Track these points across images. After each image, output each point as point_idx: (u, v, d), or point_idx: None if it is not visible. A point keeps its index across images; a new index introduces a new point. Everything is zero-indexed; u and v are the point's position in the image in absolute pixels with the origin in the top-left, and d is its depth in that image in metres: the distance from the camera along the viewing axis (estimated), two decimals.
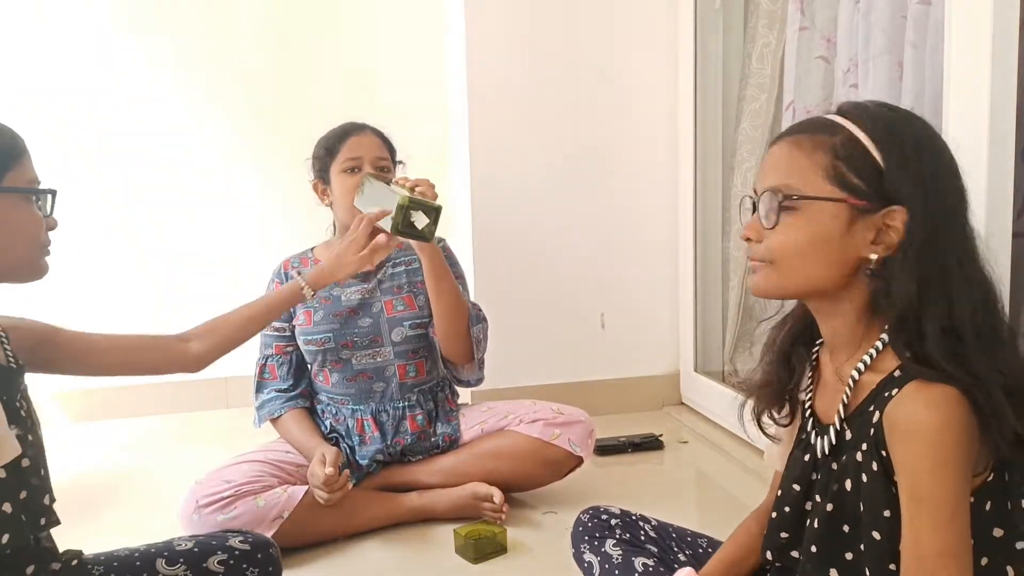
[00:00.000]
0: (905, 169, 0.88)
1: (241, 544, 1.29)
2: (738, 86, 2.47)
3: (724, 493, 2.07)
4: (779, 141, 0.97)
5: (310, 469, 1.69)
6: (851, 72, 1.76)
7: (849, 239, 0.89)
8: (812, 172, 0.90)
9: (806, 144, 0.92)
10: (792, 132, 0.96)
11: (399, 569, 1.64)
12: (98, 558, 1.24)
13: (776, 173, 0.94)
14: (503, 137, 2.53)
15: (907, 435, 0.83)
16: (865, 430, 0.89)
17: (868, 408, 0.90)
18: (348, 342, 1.84)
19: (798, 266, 0.92)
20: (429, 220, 1.63)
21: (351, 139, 1.85)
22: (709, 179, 2.56)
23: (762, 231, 0.94)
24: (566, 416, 1.86)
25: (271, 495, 1.65)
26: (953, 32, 1.35)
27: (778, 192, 0.92)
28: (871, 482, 0.88)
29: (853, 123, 0.91)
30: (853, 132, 0.91)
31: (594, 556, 1.27)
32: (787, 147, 0.94)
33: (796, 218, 0.91)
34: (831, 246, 0.90)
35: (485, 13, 2.48)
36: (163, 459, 2.34)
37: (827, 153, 0.90)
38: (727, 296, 2.57)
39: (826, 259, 0.91)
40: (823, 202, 0.89)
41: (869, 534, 0.88)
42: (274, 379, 1.89)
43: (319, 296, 1.83)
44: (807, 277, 0.93)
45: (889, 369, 0.89)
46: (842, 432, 0.93)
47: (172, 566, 1.23)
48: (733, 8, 2.49)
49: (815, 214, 0.90)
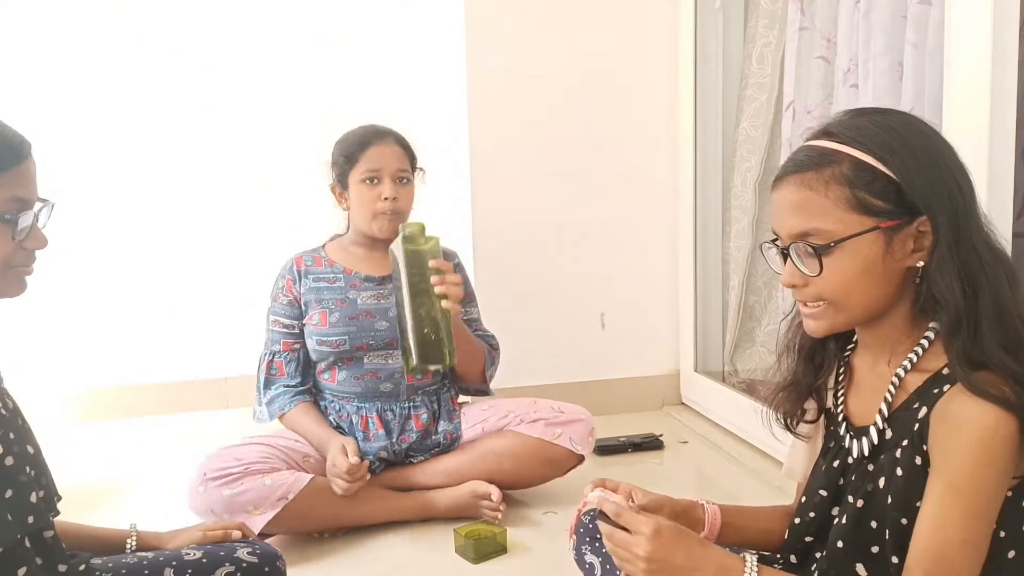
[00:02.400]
0: (913, 178, 0.89)
1: (249, 556, 1.26)
2: (738, 86, 2.47)
3: (724, 493, 2.07)
4: (784, 182, 0.95)
5: (330, 459, 1.71)
6: (851, 72, 1.76)
7: (891, 257, 0.90)
8: (835, 209, 0.90)
9: (816, 182, 0.91)
10: (794, 170, 0.94)
11: (399, 569, 1.64)
12: (106, 564, 1.23)
13: (798, 218, 0.93)
14: (503, 137, 2.53)
15: (957, 428, 0.84)
16: (908, 427, 0.90)
17: (913, 405, 0.91)
18: (363, 344, 1.84)
19: (856, 298, 0.93)
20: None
21: (372, 149, 1.84)
22: (709, 179, 2.56)
23: (805, 277, 0.94)
24: (567, 415, 1.87)
25: (278, 476, 1.68)
26: (953, 32, 1.35)
27: (806, 238, 0.92)
28: (908, 476, 0.89)
29: (850, 146, 0.91)
30: (856, 156, 0.90)
31: (595, 557, 1.27)
32: (797, 189, 0.93)
33: (838, 257, 0.91)
34: (879, 270, 0.91)
35: (485, 13, 2.48)
36: (163, 459, 2.34)
37: (842, 185, 0.90)
38: (727, 296, 2.57)
39: (879, 282, 0.92)
40: (858, 236, 0.89)
41: (897, 521, 0.89)
42: (282, 375, 1.90)
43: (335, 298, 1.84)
44: (867, 305, 0.93)
45: (935, 368, 0.91)
46: (882, 432, 0.94)
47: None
48: (733, 8, 2.49)
49: (854, 248, 0.90)
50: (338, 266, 1.90)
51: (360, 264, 1.91)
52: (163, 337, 2.68)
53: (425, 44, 2.70)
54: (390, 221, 1.83)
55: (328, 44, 2.69)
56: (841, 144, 0.92)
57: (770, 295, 2.46)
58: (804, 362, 1.06)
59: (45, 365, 2.61)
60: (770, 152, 2.36)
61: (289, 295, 1.89)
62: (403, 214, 1.86)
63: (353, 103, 2.25)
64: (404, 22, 2.72)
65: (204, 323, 2.68)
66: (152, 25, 2.62)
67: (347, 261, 1.91)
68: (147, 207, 2.70)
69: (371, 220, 1.84)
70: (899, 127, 0.92)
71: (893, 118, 0.94)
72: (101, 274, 2.67)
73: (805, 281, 0.94)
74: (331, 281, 1.89)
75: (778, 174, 0.97)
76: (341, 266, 1.90)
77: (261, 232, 2.72)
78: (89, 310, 2.63)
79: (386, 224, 1.84)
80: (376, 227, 1.85)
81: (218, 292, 2.68)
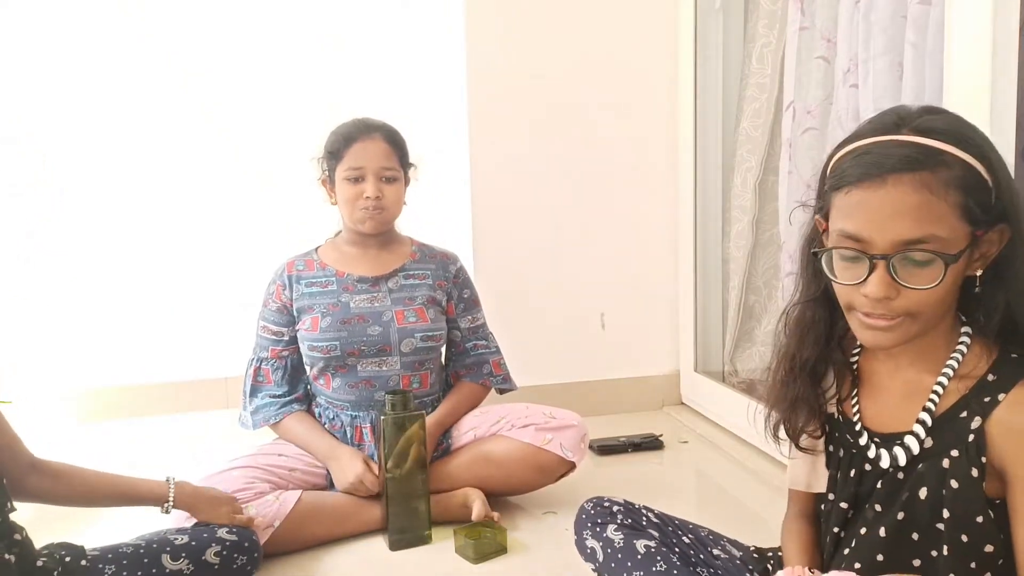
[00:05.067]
0: (1007, 187, 0.87)
1: (229, 535, 1.45)
2: (738, 86, 2.47)
3: (724, 493, 2.07)
4: (895, 181, 0.84)
5: (347, 470, 1.72)
6: (851, 72, 1.76)
7: (966, 266, 0.88)
8: (952, 216, 0.84)
9: (936, 184, 0.84)
10: (906, 168, 0.84)
11: (399, 569, 1.64)
12: (105, 555, 1.30)
13: (912, 223, 0.84)
14: (503, 137, 2.53)
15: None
16: (958, 437, 0.88)
17: (960, 415, 0.89)
18: (355, 350, 1.81)
19: (938, 311, 0.89)
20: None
21: (356, 145, 1.81)
22: (709, 179, 2.56)
23: (900, 288, 0.86)
24: (558, 420, 1.83)
25: (262, 503, 1.63)
26: (953, 32, 1.35)
27: (922, 245, 0.84)
28: (964, 488, 0.87)
29: (960, 148, 0.85)
30: (967, 160, 0.85)
31: (596, 542, 1.27)
32: (915, 191, 0.84)
33: (939, 267, 0.84)
34: (957, 279, 0.88)
35: (485, 13, 2.48)
36: (163, 459, 2.34)
37: (958, 191, 0.84)
38: (727, 296, 2.57)
39: (954, 292, 0.89)
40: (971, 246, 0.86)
41: (955, 537, 0.88)
42: (268, 383, 1.87)
43: (327, 302, 1.84)
44: (941, 315, 0.90)
45: (976, 374, 0.89)
46: (922, 441, 0.92)
47: (176, 561, 1.36)
48: (733, 8, 2.49)
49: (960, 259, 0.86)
50: (330, 269, 1.88)
51: (353, 265, 1.89)
52: (163, 337, 2.68)
53: (425, 44, 2.70)
54: (372, 218, 1.82)
55: (328, 44, 2.69)
56: (949, 145, 0.85)
57: (770, 295, 2.46)
58: (805, 375, 1.01)
59: (45, 365, 2.62)
60: (770, 152, 2.36)
61: (279, 301, 1.87)
62: (388, 211, 1.85)
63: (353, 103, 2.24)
64: (404, 22, 2.72)
65: (204, 323, 2.68)
66: (152, 25, 2.62)
67: (340, 263, 1.90)
68: (147, 207, 2.70)
69: (355, 217, 1.84)
70: (981, 134, 0.89)
71: (970, 124, 0.90)
72: (102, 274, 2.67)
73: (899, 293, 0.86)
74: (323, 285, 1.86)
75: (877, 170, 0.85)
76: (333, 269, 1.88)
77: (261, 232, 2.72)
78: (89, 310, 2.64)
79: (369, 221, 1.83)
80: (360, 224, 1.84)
81: (218, 292, 2.68)
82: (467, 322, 1.97)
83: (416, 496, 1.69)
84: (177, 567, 1.35)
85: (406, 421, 1.66)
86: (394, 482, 1.67)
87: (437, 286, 1.92)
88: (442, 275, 1.93)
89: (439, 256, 1.97)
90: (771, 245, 2.42)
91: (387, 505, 1.68)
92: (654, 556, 1.18)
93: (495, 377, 1.97)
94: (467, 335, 1.97)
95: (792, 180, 2.05)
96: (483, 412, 1.91)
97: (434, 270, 1.93)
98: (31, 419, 2.55)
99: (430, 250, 1.97)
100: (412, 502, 1.69)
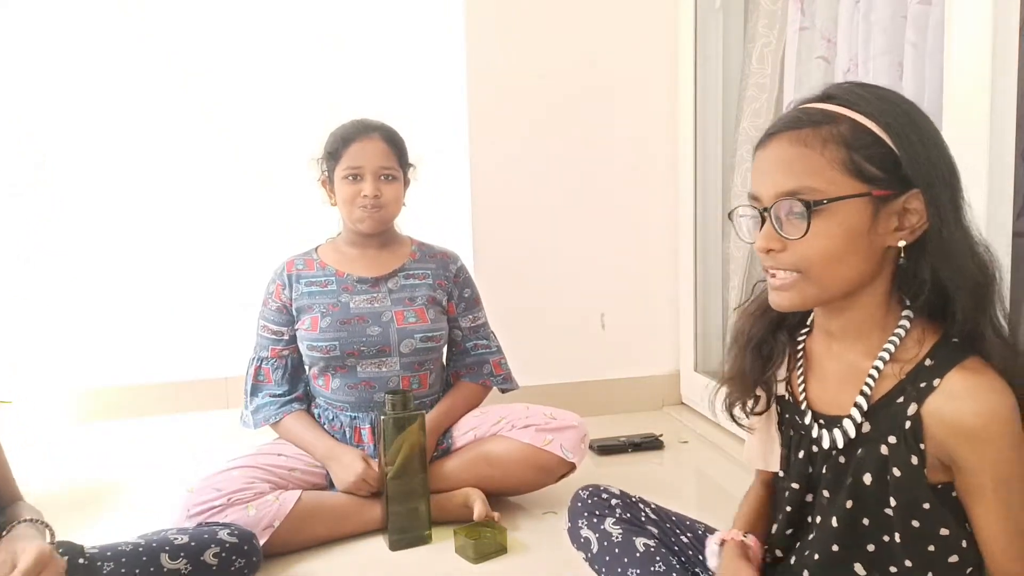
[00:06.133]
0: (916, 150, 0.86)
1: (230, 537, 1.45)
2: (738, 86, 2.47)
3: (724, 493, 2.07)
4: (776, 139, 0.90)
5: (348, 469, 1.72)
6: (851, 72, 1.76)
7: (875, 231, 0.86)
8: (830, 169, 0.86)
9: (813, 139, 0.87)
10: (789, 127, 0.89)
11: (399, 569, 1.64)
12: (104, 553, 1.31)
13: (787, 175, 0.88)
14: (503, 137, 2.53)
15: (975, 434, 0.83)
16: (895, 423, 0.88)
17: (897, 400, 0.88)
18: (355, 351, 1.81)
19: (834, 271, 0.88)
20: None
21: (355, 145, 1.81)
22: (709, 179, 2.56)
23: (784, 240, 0.89)
24: (559, 421, 1.83)
25: (262, 503, 1.63)
26: (953, 32, 1.35)
27: (793, 196, 0.87)
28: (906, 476, 0.87)
29: (852, 110, 0.87)
30: (858, 119, 0.86)
31: (592, 532, 1.27)
32: (791, 145, 0.88)
33: (824, 222, 0.86)
34: (862, 243, 0.87)
35: (485, 13, 2.48)
36: (163, 459, 2.34)
37: (839, 145, 0.85)
38: (727, 296, 2.57)
39: (859, 257, 0.87)
40: (849, 199, 0.85)
41: (906, 523, 0.88)
42: (268, 383, 1.87)
43: (326, 302, 1.84)
44: (844, 280, 0.89)
45: (914, 358, 0.88)
46: (859, 425, 0.91)
47: (175, 560, 1.36)
48: (733, 8, 2.48)
49: (843, 214, 0.86)
50: (330, 268, 1.88)
51: (353, 265, 1.89)
52: (163, 337, 2.68)
53: (425, 44, 2.70)
54: (371, 217, 1.83)
55: (328, 44, 2.69)
56: (842, 107, 0.88)
57: None
58: (752, 353, 1.03)
59: (45, 365, 2.62)
60: None
61: (278, 301, 1.88)
62: (386, 210, 1.85)
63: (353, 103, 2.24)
64: (404, 22, 2.72)
65: (204, 323, 2.69)
66: (152, 25, 2.62)
67: (340, 263, 1.90)
68: (147, 207, 2.70)
69: (353, 216, 1.84)
70: (902, 102, 0.89)
71: (895, 94, 0.91)
72: (101, 274, 2.68)
73: (783, 245, 0.89)
74: (323, 285, 1.87)
75: (768, 131, 0.92)
76: (333, 268, 1.88)
77: (261, 232, 2.72)
78: (89, 310, 2.64)
79: (368, 220, 1.83)
80: (359, 223, 1.85)
81: (218, 292, 2.68)
82: (468, 321, 1.97)
83: (416, 496, 1.69)
84: (175, 566, 1.35)
85: (406, 421, 1.66)
86: (394, 482, 1.67)
87: (437, 286, 1.92)
88: (442, 274, 1.93)
89: (439, 255, 1.97)
90: None
91: (387, 505, 1.68)
92: (653, 556, 1.18)
93: (495, 377, 1.97)
94: (468, 335, 1.97)
95: None
96: (483, 412, 1.91)
97: (434, 270, 1.93)
98: (31, 419, 2.56)
99: (430, 249, 1.97)
100: (412, 502, 1.68)
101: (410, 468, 1.67)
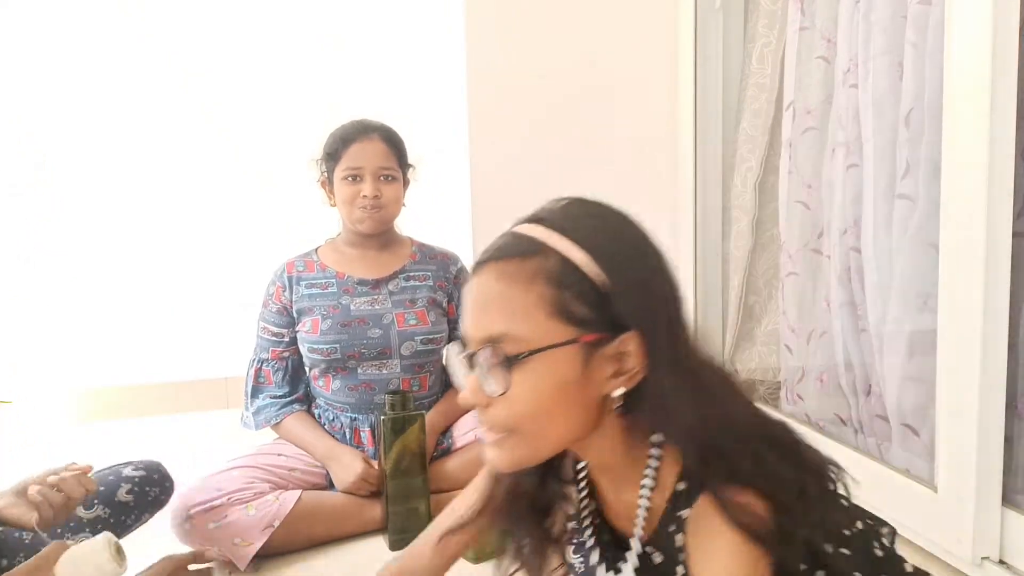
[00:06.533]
0: (629, 287, 0.75)
1: (135, 472, 1.47)
2: (738, 86, 2.47)
3: None
4: (484, 271, 0.78)
5: (348, 469, 1.72)
6: (851, 72, 1.76)
7: (588, 379, 0.75)
8: (535, 310, 0.74)
9: (519, 275, 0.75)
10: (496, 256, 0.78)
11: None
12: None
13: (492, 318, 0.76)
14: (502, 137, 2.53)
15: (708, 554, 0.74)
16: (674, 554, 0.79)
17: (668, 529, 0.80)
18: (355, 353, 1.82)
19: (546, 427, 0.77)
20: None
21: (354, 146, 1.82)
22: (709, 179, 2.56)
23: (487, 396, 0.76)
24: None
25: (262, 503, 1.63)
26: (953, 32, 1.35)
27: (497, 343, 0.75)
28: None
29: (562, 236, 0.76)
30: (566, 253, 0.75)
31: None
32: (496, 280, 0.77)
33: (528, 374, 0.74)
34: (575, 394, 0.75)
35: (485, 13, 2.48)
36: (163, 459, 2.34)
37: (547, 284, 0.74)
38: (727, 296, 2.57)
39: (571, 409, 0.76)
40: (556, 348, 0.74)
41: None
42: (269, 384, 1.88)
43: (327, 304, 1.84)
44: (559, 435, 0.78)
45: (671, 485, 0.79)
46: (649, 556, 0.82)
47: (90, 510, 1.36)
48: (733, 8, 2.48)
49: (549, 363, 0.74)
50: (330, 270, 1.88)
51: (353, 267, 1.89)
52: (163, 337, 2.68)
53: (425, 44, 2.70)
54: (371, 217, 1.83)
55: (328, 44, 2.69)
56: (554, 231, 0.77)
57: (770, 295, 2.46)
58: (533, 515, 0.90)
59: (45, 365, 2.61)
60: (770, 152, 2.36)
61: (278, 303, 1.88)
62: (386, 210, 1.85)
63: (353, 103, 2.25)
64: (404, 22, 2.72)
65: (204, 323, 2.68)
66: (152, 25, 2.62)
67: (340, 264, 1.89)
68: (147, 207, 2.70)
69: (353, 217, 1.84)
70: (618, 222, 0.80)
71: (611, 211, 0.82)
72: (101, 274, 2.67)
73: (488, 401, 0.77)
74: (323, 287, 1.87)
75: (478, 258, 0.80)
76: (333, 270, 1.88)
77: (261, 232, 2.72)
78: (89, 310, 2.64)
79: (367, 220, 1.83)
80: (358, 224, 1.84)
81: (218, 292, 2.68)
82: None
83: (416, 496, 1.69)
84: (93, 514, 1.35)
85: (406, 422, 1.66)
86: (394, 482, 1.67)
87: (438, 287, 1.91)
88: (442, 276, 1.93)
89: (439, 256, 1.97)
90: (771, 245, 2.42)
91: (387, 505, 1.68)
92: None
93: None
94: None
95: (792, 180, 2.05)
96: None
97: (434, 271, 1.93)
98: (31, 419, 2.55)
99: (430, 250, 1.97)
100: (412, 502, 1.69)
101: (410, 468, 1.67)
